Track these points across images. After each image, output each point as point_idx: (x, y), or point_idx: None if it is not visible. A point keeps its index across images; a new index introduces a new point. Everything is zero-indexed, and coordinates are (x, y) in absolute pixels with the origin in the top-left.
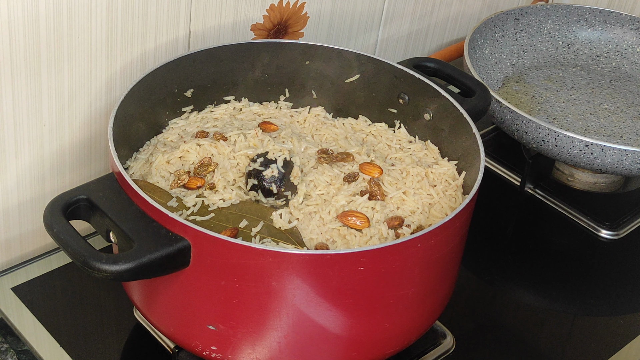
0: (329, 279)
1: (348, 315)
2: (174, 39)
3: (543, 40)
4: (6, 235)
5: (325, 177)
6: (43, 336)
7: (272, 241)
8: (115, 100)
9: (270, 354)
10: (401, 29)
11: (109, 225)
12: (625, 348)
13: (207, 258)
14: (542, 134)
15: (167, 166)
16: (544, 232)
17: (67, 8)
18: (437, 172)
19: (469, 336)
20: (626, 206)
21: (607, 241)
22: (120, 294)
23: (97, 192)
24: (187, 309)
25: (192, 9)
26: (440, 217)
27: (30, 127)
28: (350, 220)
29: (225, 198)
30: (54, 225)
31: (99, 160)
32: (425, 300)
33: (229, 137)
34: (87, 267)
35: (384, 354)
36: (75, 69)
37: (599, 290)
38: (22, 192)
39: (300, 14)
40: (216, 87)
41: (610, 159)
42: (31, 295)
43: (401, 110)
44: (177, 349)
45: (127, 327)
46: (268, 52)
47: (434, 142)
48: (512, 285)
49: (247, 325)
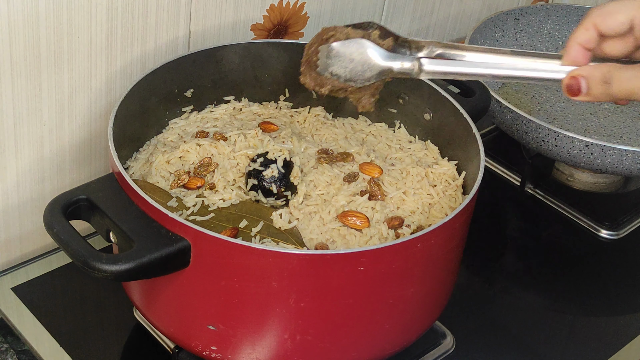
0: (329, 279)
1: (348, 315)
2: (174, 39)
3: (543, 40)
4: (6, 235)
5: (325, 177)
6: (43, 336)
7: (272, 241)
8: (115, 100)
9: (270, 354)
10: (401, 29)
11: (109, 225)
12: (625, 348)
13: (207, 258)
14: (542, 134)
15: (167, 166)
16: (544, 232)
17: (67, 8)
18: (437, 172)
19: (469, 336)
20: (626, 206)
21: (607, 241)
22: (120, 294)
23: (97, 192)
24: (187, 309)
25: (192, 9)
26: (440, 217)
27: (30, 127)
28: (350, 220)
29: (225, 198)
30: (54, 225)
31: (99, 160)
32: (425, 300)
33: (229, 137)
34: (87, 267)
35: (384, 354)
36: (75, 69)
37: (599, 290)
38: (22, 192)
39: (300, 14)
40: (216, 87)
41: (610, 159)
42: (31, 295)
43: (401, 110)
44: (177, 349)
45: (127, 327)
46: (268, 52)
47: (434, 142)
48: (512, 285)
49: (247, 325)
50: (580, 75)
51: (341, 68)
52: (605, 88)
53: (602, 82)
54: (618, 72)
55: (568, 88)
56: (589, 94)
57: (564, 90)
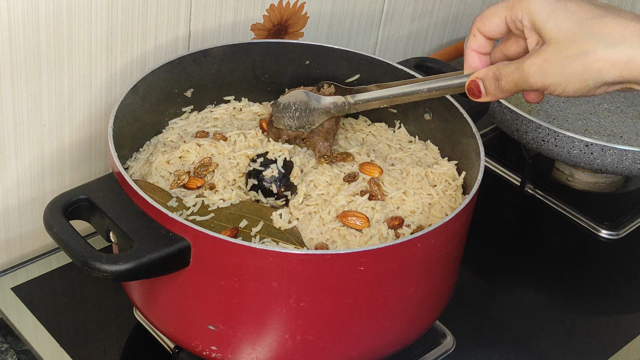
0: (329, 279)
1: (348, 315)
2: (174, 39)
3: None
4: (6, 235)
5: (325, 177)
6: (43, 336)
7: (272, 241)
8: (115, 100)
9: (270, 354)
10: (401, 29)
11: (109, 225)
12: (625, 348)
13: (207, 258)
14: (542, 134)
15: (167, 166)
16: (544, 232)
17: (67, 8)
18: (437, 172)
19: (469, 336)
20: (626, 206)
21: (607, 241)
22: (120, 294)
23: (97, 192)
24: (187, 309)
25: (192, 9)
26: (440, 217)
27: (30, 127)
28: (350, 220)
29: (225, 198)
30: (54, 225)
31: (99, 160)
32: (425, 300)
33: (229, 137)
34: (87, 267)
35: (384, 354)
36: (75, 69)
37: (599, 290)
38: (22, 192)
39: (300, 14)
40: (216, 87)
41: (610, 159)
42: (31, 295)
43: (401, 110)
44: (177, 349)
45: (127, 327)
46: (268, 52)
47: (434, 142)
48: (512, 285)
49: (247, 325)
50: (478, 78)
51: (290, 119)
52: (497, 84)
53: (494, 79)
54: (503, 69)
55: (469, 91)
56: (487, 92)
57: (467, 94)
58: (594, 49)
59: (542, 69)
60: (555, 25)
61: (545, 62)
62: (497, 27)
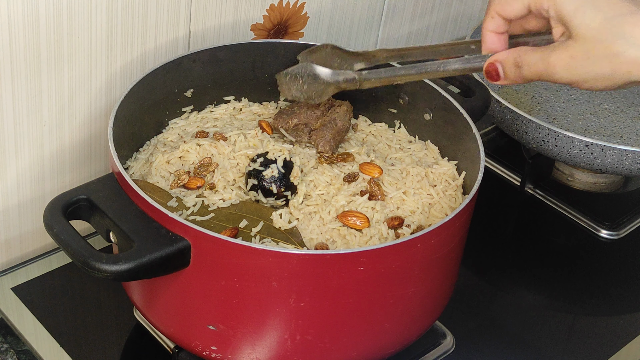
0: (329, 279)
1: (348, 315)
2: (174, 39)
3: None
4: (6, 235)
5: (325, 177)
6: (43, 336)
7: (272, 241)
8: (115, 100)
9: (270, 354)
10: (401, 28)
11: (109, 225)
12: (625, 348)
13: (207, 258)
14: (542, 134)
15: (167, 166)
16: (544, 232)
17: (67, 8)
18: (437, 172)
19: (469, 336)
20: (626, 206)
21: (607, 241)
22: (120, 294)
23: (97, 192)
24: (187, 309)
25: (192, 9)
26: (440, 217)
27: (30, 127)
28: (350, 220)
29: (225, 198)
30: (54, 225)
31: (99, 160)
32: (425, 300)
33: (229, 137)
34: (87, 267)
35: (384, 354)
36: (75, 69)
37: (599, 290)
38: (22, 192)
39: (300, 14)
40: (216, 87)
41: (610, 159)
42: (31, 295)
43: (401, 110)
44: (177, 349)
45: (127, 327)
46: (268, 52)
47: (434, 142)
48: (512, 285)
49: (247, 325)
50: (497, 61)
51: (298, 90)
52: (518, 71)
53: (515, 66)
54: (526, 56)
55: (487, 74)
56: (506, 77)
57: (485, 76)
58: (623, 51)
59: (568, 65)
60: (582, 22)
61: (572, 59)
62: (518, 12)
